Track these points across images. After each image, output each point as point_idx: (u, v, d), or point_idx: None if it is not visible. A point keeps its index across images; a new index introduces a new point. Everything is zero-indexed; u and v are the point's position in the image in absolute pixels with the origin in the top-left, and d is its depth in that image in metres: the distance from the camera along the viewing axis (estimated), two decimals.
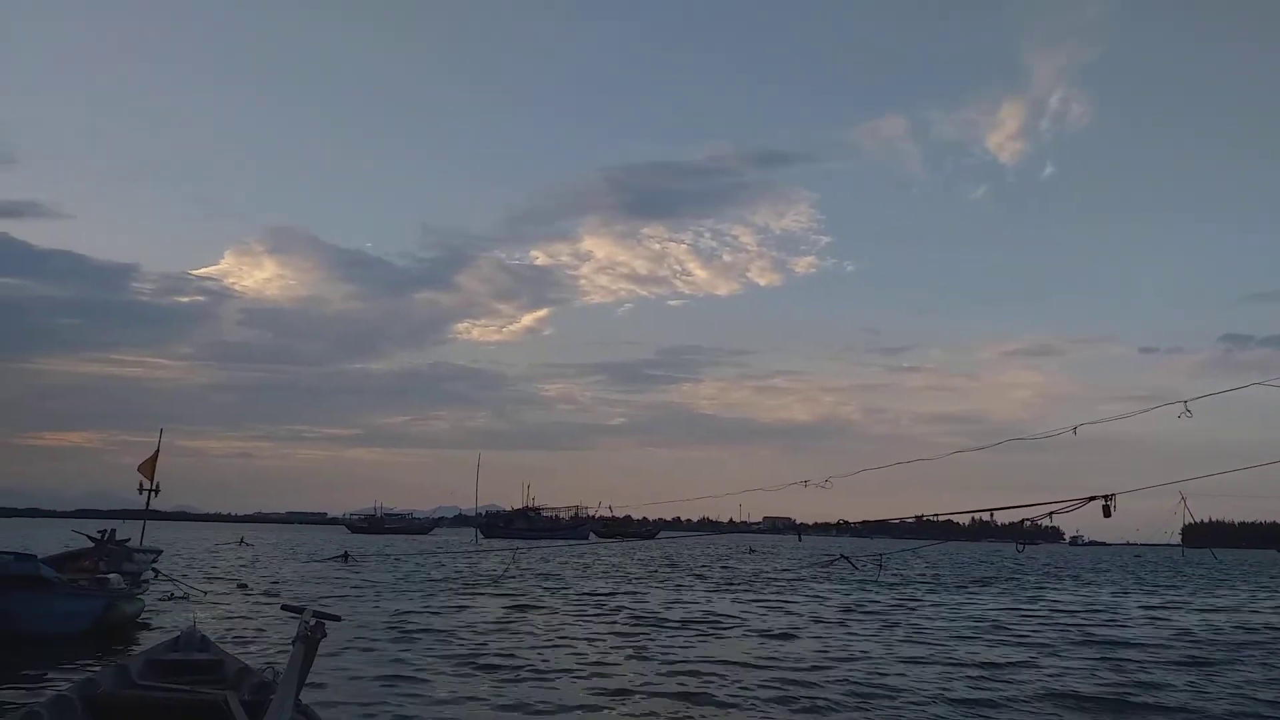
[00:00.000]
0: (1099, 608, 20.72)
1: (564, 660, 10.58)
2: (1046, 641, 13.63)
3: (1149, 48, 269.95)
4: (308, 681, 5.27)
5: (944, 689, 9.30)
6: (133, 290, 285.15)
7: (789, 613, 17.18)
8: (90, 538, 14.82)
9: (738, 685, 9.22)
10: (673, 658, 10.94)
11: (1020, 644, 13.23)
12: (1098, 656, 12.11)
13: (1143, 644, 13.59)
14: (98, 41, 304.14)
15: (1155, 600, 24.10)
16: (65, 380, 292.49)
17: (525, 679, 9.28)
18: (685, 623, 14.85)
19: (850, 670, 10.33)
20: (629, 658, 10.93)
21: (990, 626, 15.56)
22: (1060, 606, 20.77)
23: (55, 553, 14.38)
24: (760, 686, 9.18)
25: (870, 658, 11.39)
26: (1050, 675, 10.36)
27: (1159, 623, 17.35)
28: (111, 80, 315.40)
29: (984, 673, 10.39)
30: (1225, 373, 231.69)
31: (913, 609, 18.64)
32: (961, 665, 10.94)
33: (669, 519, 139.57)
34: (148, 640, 11.07)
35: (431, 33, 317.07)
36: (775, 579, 28.65)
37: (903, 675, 10.10)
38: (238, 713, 4.79)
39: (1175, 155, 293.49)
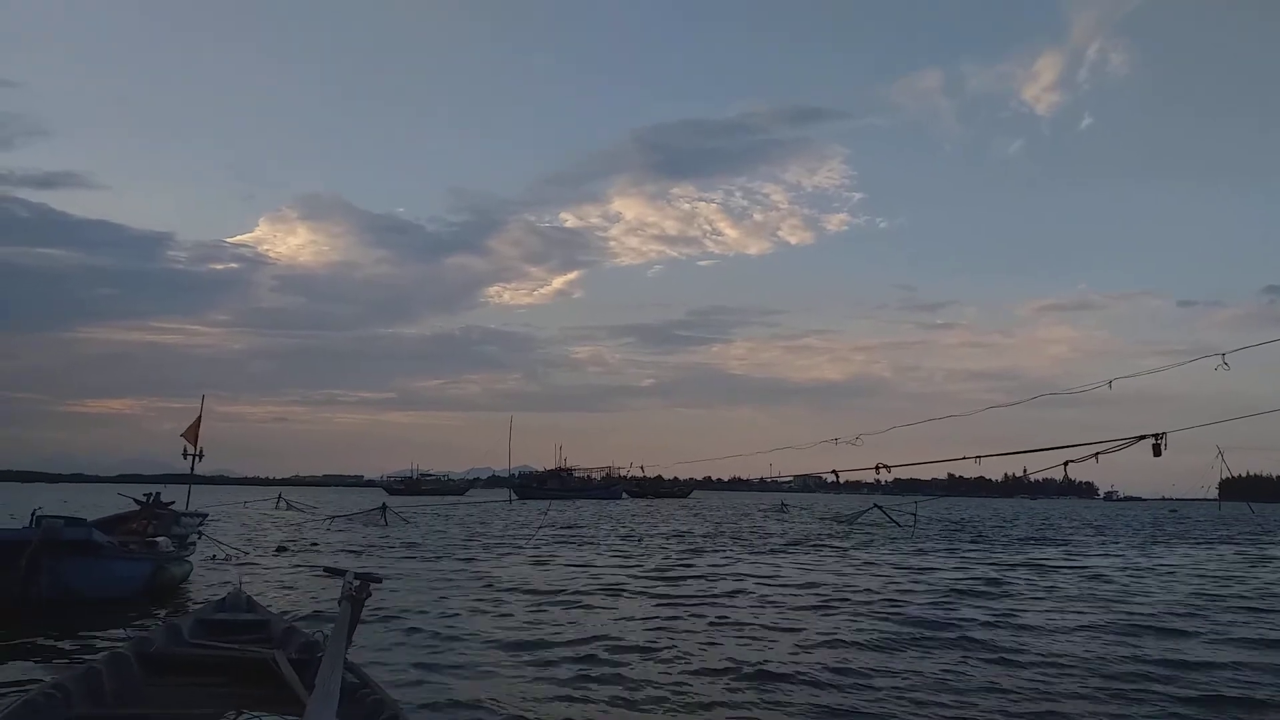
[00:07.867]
0: None
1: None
2: None
3: None
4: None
5: None
6: (169, 259, 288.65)
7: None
8: (136, 500, 15.13)
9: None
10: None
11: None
12: None
13: None
14: (127, 11, 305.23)
15: None
16: (105, 349, 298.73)
17: (577, 658, 9.42)
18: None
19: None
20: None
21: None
22: None
23: (103, 515, 14.62)
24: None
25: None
26: None
27: None
28: (143, 50, 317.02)
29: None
30: (1267, 325, 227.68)
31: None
32: None
33: (700, 478, 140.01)
34: (196, 602, 11.34)
35: None
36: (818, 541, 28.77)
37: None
38: (286, 669, 4.89)
39: (1216, 104, 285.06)
